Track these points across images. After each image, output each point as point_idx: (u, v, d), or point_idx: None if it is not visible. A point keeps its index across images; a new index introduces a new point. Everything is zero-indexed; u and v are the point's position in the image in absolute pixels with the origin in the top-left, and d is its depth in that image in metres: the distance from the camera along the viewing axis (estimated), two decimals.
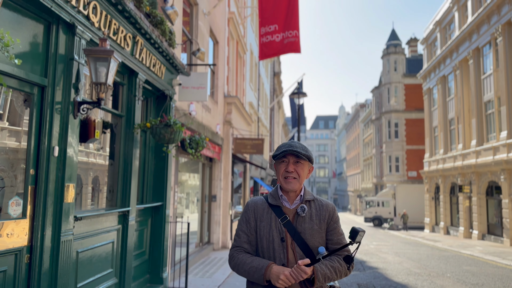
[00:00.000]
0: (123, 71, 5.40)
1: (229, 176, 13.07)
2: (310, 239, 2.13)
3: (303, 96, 14.11)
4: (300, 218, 2.16)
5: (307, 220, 2.17)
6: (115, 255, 5.22)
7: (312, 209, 2.20)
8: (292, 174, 2.16)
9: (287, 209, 2.20)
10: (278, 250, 2.12)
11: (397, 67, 37.53)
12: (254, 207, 2.24)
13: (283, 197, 2.22)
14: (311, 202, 2.23)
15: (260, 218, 2.20)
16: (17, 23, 3.45)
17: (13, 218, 3.43)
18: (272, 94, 32.00)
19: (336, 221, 2.24)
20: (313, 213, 2.19)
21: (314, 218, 2.18)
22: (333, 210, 2.24)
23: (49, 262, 3.71)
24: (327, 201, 2.29)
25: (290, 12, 11.15)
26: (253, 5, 20.75)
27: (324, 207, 2.23)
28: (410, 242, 20.78)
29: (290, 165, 2.16)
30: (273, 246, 2.13)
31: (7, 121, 3.47)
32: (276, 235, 2.14)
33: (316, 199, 2.26)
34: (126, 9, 4.69)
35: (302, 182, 2.19)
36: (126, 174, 5.49)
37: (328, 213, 2.22)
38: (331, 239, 2.20)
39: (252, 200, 2.29)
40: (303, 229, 2.14)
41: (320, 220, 2.19)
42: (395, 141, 36.97)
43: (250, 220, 2.22)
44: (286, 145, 2.20)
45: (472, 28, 21.20)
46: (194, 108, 8.91)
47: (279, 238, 2.13)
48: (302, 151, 2.17)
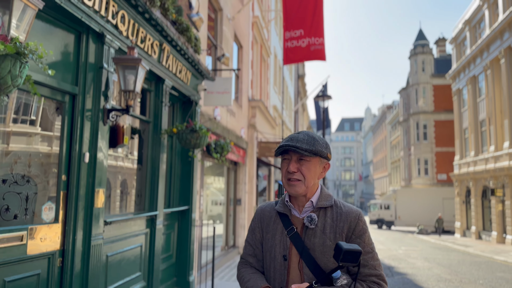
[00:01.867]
0: (150, 78, 5.51)
1: (254, 180, 13.09)
2: (321, 257, 1.66)
3: (328, 99, 14.00)
4: (309, 231, 1.70)
5: (318, 234, 1.68)
6: (143, 258, 5.32)
7: (326, 219, 1.71)
8: (295, 175, 1.70)
9: (296, 218, 1.75)
10: (280, 270, 1.71)
11: (425, 68, 36.69)
12: (260, 215, 1.86)
13: (289, 203, 1.78)
14: (327, 210, 1.74)
15: (266, 229, 1.81)
16: (49, 33, 3.58)
17: (46, 223, 3.55)
18: (296, 96, 31.89)
19: (360, 235, 1.69)
20: (327, 224, 1.70)
21: (328, 231, 1.69)
22: (356, 220, 1.70)
23: (80, 266, 3.81)
24: (351, 207, 1.75)
25: (316, 17, 11.07)
26: (277, 8, 20.77)
27: (344, 215, 1.71)
28: (440, 247, 20.23)
29: (292, 164, 1.71)
30: (274, 265, 1.73)
31: (41, 128, 3.59)
32: (278, 252, 1.73)
33: (335, 205, 1.76)
34: (153, 17, 4.79)
35: (310, 184, 1.71)
36: (153, 179, 5.59)
37: (348, 224, 1.69)
38: None
39: (260, 206, 1.91)
40: (313, 245, 1.68)
41: (336, 233, 1.68)
42: (423, 143, 36.10)
43: (256, 231, 1.86)
44: (286, 139, 1.75)
45: (504, 27, 20.50)
46: (219, 113, 8.99)
47: (281, 255, 1.71)
48: (305, 145, 1.68)
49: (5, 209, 3.14)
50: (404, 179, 41.08)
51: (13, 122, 3.29)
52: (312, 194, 1.77)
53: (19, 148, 3.33)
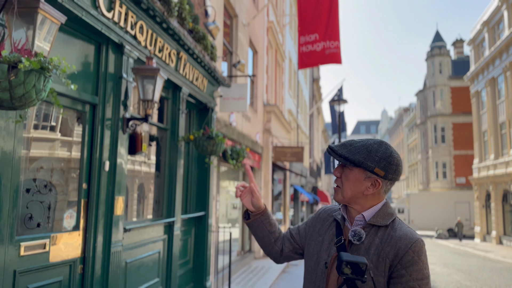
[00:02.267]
0: (167, 86, 5.59)
1: (269, 184, 13.09)
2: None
3: (343, 103, 13.92)
4: (354, 246, 1.55)
5: (362, 252, 1.52)
6: (161, 264, 5.38)
7: (375, 238, 1.52)
8: (337, 180, 1.62)
9: (347, 229, 1.63)
10: (320, 277, 1.61)
11: (442, 69, 36.17)
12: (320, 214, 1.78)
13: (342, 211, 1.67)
14: (380, 229, 1.54)
15: (319, 231, 1.71)
16: (70, 45, 3.67)
17: (67, 231, 3.63)
18: (311, 100, 31.80)
19: (407, 266, 1.44)
20: (373, 244, 1.51)
21: (372, 252, 1.50)
22: (407, 248, 1.46)
23: (101, 272, 3.88)
24: (407, 232, 1.50)
25: (331, 21, 11.04)
26: (292, 12, 20.79)
27: (394, 240, 1.48)
28: (460, 252, 19.84)
29: (337, 167, 1.61)
30: (317, 270, 1.64)
31: (62, 138, 3.68)
32: (322, 258, 1.63)
33: (391, 226, 1.54)
34: (171, 27, 4.86)
35: (347, 194, 1.57)
36: (171, 186, 5.66)
37: (395, 251, 1.46)
38: None
39: (325, 207, 1.82)
40: None
41: (379, 256, 1.48)
42: (441, 146, 35.55)
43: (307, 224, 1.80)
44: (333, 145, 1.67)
45: None
46: (235, 118, 9.04)
47: (323, 262, 1.61)
48: (345, 151, 1.56)
49: (28, 217, 3.23)
50: (422, 183, 40.48)
51: (34, 129, 3.38)
52: (364, 209, 1.59)
53: (41, 157, 3.42)
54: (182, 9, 5.18)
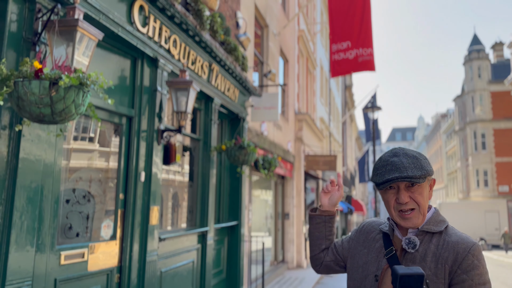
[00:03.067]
0: (200, 97, 5.68)
1: (302, 194, 12.98)
2: None
3: (377, 110, 13.67)
4: (408, 255, 1.51)
5: (418, 260, 1.49)
6: (195, 274, 5.42)
7: (430, 245, 1.50)
8: (408, 205, 1.49)
9: (398, 239, 1.59)
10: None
11: (481, 74, 34.87)
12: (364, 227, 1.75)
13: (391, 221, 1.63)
14: (434, 236, 1.52)
15: (363, 243, 1.69)
16: (107, 60, 3.80)
17: (105, 240, 3.73)
18: (344, 107, 31.41)
19: (468, 271, 1.41)
20: (429, 251, 1.49)
21: (429, 259, 1.47)
22: (466, 252, 1.43)
23: (137, 281, 3.95)
24: (464, 237, 1.49)
25: (363, 28, 10.89)
26: (323, 20, 20.71)
27: (451, 244, 1.46)
28: (504, 264, 18.85)
29: (402, 193, 1.49)
30: (365, 284, 1.59)
31: (100, 149, 3.80)
32: (371, 270, 1.59)
33: (445, 232, 1.52)
34: (203, 40, 4.96)
35: (425, 210, 1.51)
36: (204, 195, 5.72)
37: (454, 255, 1.44)
38: None
39: (368, 220, 1.79)
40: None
41: (438, 263, 1.45)
42: (482, 153, 34.12)
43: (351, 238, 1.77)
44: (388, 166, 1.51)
45: None
46: (266, 128, 9.05)
47: (373, 274, 1.57)
48: (416, 171, 1.48)
49: (68, 227, 3.34)
50: (462, 191, 38.92)
51: (73, 140, 3.52)
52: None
53: (80, 168, 3.54)
54: (214, 22, 5.27)
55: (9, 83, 2.24)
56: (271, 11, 10.14)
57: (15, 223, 2.65)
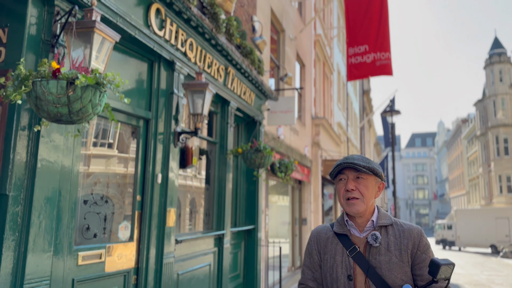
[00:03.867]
0: (216, 100, 5.70)
1: (319, 199, 12.85)
2: (388, 274, 1.69)
3: (396, 114, 13.48)
4: (373, 249, 1.74)
5: (383, 251, 1.73)
6: (211, 277, 5.40)
7: (389, 237, 1.76)
8: (354, 193, 1.75)
9: (357, 238, 1.79)
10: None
11: (503, 77, 34.10)
12: (316, 237, 1.89)
13: (349, 223, 1.82)
14: (388, 228, 1.78)
15: (323, 250, 1.84)
16: (125, 63, 3.85)
17: (122, 241, 3.74)
18: (362, 112, 31.11)
19: (425, 250, 1.75)
20: (390, 242, 1.75)
21: (393, 248, 1.74)
22: (419, 236, 1.76)
23: (153, 283, 3.95)
24: (411, 224, 1.81)
25: (381, 31, 10.77)
26: (339, 25, 20.63)
27: (406, 232, 1.76)
28: None
29: (349, 182, 1.76)
30: (337, 286, 1.75)
31: (118, 151, 3.84)
32: (340, 272, 1.75)
33: (395, 223, 1.81)
34: (219, 43, 4.98)
35: (368, 202, 1.76)
36: (220, 198, 5.71)
37: (412, 241, 1.74)
38: (420, 275, 1.72)
39: (316, 228, 1.94)
40: (379, 263, 1.72)
41: (401, 250, 1.73)
42: (505, 159, 33.23)
43: (313, 253, 1.88)
44: (342, 159, 1.82)
45: None
46: (282, 132, 9.02)
47: (345, 275, 1.74)
48: (362, 162, 1.76)
49: (86, 228, 3.37)
50: (484, 198, 37.96)
51: (93, 146, 3.56)
52: (371, 214, 1.82)
53: (98, 170, 3.58)
54: (230, 26, 5.29)
55: (28, 83, 2.28)
56: (287, 15, 10.14)
57: (33, 222, 2.68)
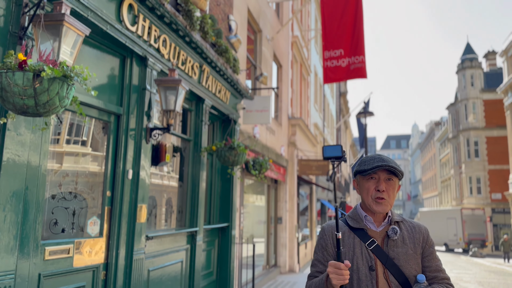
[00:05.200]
0: (191, 98, 5.71)
1: (295, 198, 12.99)
2: (405, 265, 1.82)
3: (370, 115, 13.76)
4: (391, 242, 1.87)
5: (400, 244, 1.87)
6: (183, 274, 5.41)
7: (403, 231, 1.91)
8: (384, 194, 1.86)
9: (374, 232, 1.90)
10: (366, 281, 1.81)
11: (474, 82, 35.20)
12: (332, 231, 1.94)
13: (367, 218, 1.92)
14: (400, 224, 1.93)
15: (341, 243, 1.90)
16: (96, 58, 3.83)
17: (91, 237, 3.72)
18: (339, 114, 31.55)
19: (432, 245, 1.93)
20: (405, 236, 1.90)
21: (408, 242, 1.88)
22: (427, 233, 1.95)
23: (123, 279, 3.94)
24: (418, 222, 2.00)
25: (355, 36, 11.00)
26: (317, 27, 20.88)
27: (417, 228, 1.94)
28: (496, 271, 18.90)
29: (381, 183, 1.86)
30: (358, 276, 1.83)
31: (88, 147, 3.82)
32: (362, 264, 1.84)
33: (405, 220, 1.97)
34: (193, 41, 5.00)
35: (393, 202, 1.91)
36: (194, 195, 5.73)
37: (422, 236, 1.92)
38: (428, 266, 1.87)
39: (328, 223, 1.99)
40: (397, 255, 1.83)
41: (415, 243, 1.89)
42: (475, 161, 34.32)
43: (328, 247, 1.92)
44: (376, 159, 1.89)
45: None
46: (258, 131, 9.09)
47: (366, 267, 1.83)
48: (397, 166, 1.88)
49: (53, 223, 3.34)
50: (455, 199, 39.09)
51: (65, 142, 3.53)
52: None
53: (67, 164, 3.55)
54: (205, 23, 5.32)
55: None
56: (264, 16, 10.23)
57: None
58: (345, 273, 1.70)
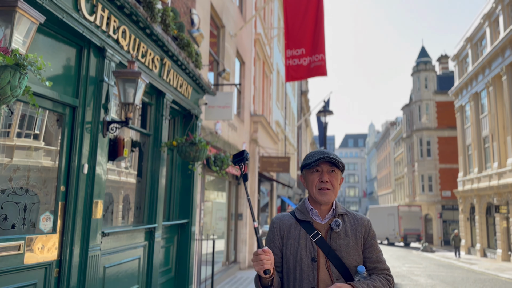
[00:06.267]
0: (151, 92, 5.60)
1: (255, 194, 13.07)
2: (346, 257, 1.91)
3: (329, 114, 14.08)
4: (334, 234, 1.94)
5: (342, 236, 1.94)
6: (141, 271, 5.31)
7: (346, 224, 1.98)
8: (327, 184, 1.94)
9: (318, 224, 1.98)
10: (307, 272, 1.89)
11: (428, 84, 36.84)
12: (279, 223, 2.02)
13: (313, 211, 1.99)
14: (344, 216, 2.00)
15: (287, 236, 1.98)
16: (52, 47, 3.68)
17: (44, 233, 3.58)
18: (300, 112, 32.03)
19: (373, 237, 2.00)
20: (348, 228, 1.97)
21: (350, 234, 1.95)
22: (369, 225, 2.02)
23: (77, 277, 3.82)
24: (362, 215, 2.07)
25: (316, 35, 11.22)
26: (280, 26, 21.06)
27: (359, 221, 2.01)
28: (444, 264, 19.96)
29: (324, 175, 1.94)
30: (301, 267, 1.90)
31: (41, 140, 3.66)
32: (305, 255, 1.91)
33: (349, 212, 2.04)
34: (154, 33, 4.90)
35: (336, 193, 1.98)
36: (153, 191, 5.63)
37: (364, 228, 1.99)
38: (369, 257, 1.96)
39: (277, 216, 2.07)
40: (338, 246, 1.91)
41: (357, 235, 1.96)
42: (427, 160, 35.98)
43: (275, 239, 2.01)
44: (319, 153, 1.97)
45: (505, 44, 20.64)
46: (220, 127, 9.06)
47: (309, 258, 1.91)
48: (338, 158, 1.97)
49: (3, 218, 3.19)
50: (408, 196, 40.81)
51: (16, 135, 3.36)
52: (332, 204, 2.03)
53: (19, 159, 3.39)
54: (166, 16, 5.24)
55: None
56: (227, 11, 10.19)
57: None
58: (263, 258, 1.72)
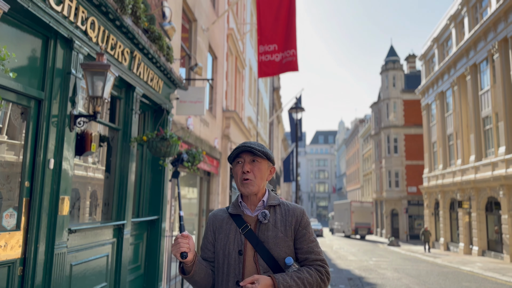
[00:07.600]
0: (120, 85, 5.48)
1: (227, 190, 13.05)
2: (274, 248, 1.87)
3: (301, 111, 14.21)
4: (262, 226, 1.91)
5: (271, 228, 1.91)
6: (109, 268, 5.21)
7: (276, 215, 1.95)
8: (249, 175, 1.91)
9: (249, 217, 1.96)
10: (234, 265, 1.88)
11: (396, 83, 37.80)
12: (212, 219, 2.02)
13: (243, 204, 1.99)
14: (276, 207, 1.97)
15: (218, 230, 1.98)
16: (16, 37, 3.52)
17: (7, 230, 3.44)
18: (272, 109, 32.17)
19: (305, 227, 1.95)
20: (277, 219, 1.93)
21: (279, 225, 1.92)
22: (301, 214, 1.96)
23: (42, 275, 3.70)
24: (295, 204, 2.02)
25: (288, 30, 11.29)
26: (252, 21, 21.04)
27: (291, 211, 1.96)
28: (410, 258, 20.62)
29: (246, 165, 1.92)
30: (228, 261, 1.89)
31: (4, 134, 3.51)
32: (232, 248, 1.90)
33: (282, 203, 2.01)
34: (124, 25, 4.79)
35: (261, 184, 1.94)
36: (122, 187, 5.51)
37: (295, 218, 1.94)
38: (300, 248, 1.92)
39: (212, 212, 2.08)
40: (266, 238, 1.88)
41: (286, 226, 1.92)
42: (394, 156, 36.98)
43: (208, 234, 2.01)
44: (240, 145, 1.96)
45: (469, 45, 21.44)
46: (192, 122, 8.98)
47: (236, 251, 1.89)
48: (258, 147, 1.94)
49: None
50: (375, 191, 41.85)
51: None
52: (262, 195, 1.99)
53: None
54: (137, 8, 5.12)
55: None
56: (200, 5, 10.08)
57: None
58: (180, 242, 1.78)
